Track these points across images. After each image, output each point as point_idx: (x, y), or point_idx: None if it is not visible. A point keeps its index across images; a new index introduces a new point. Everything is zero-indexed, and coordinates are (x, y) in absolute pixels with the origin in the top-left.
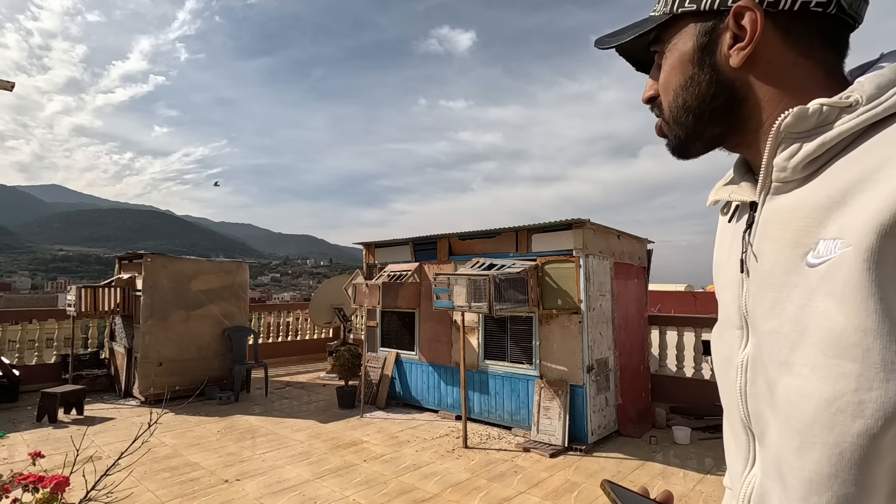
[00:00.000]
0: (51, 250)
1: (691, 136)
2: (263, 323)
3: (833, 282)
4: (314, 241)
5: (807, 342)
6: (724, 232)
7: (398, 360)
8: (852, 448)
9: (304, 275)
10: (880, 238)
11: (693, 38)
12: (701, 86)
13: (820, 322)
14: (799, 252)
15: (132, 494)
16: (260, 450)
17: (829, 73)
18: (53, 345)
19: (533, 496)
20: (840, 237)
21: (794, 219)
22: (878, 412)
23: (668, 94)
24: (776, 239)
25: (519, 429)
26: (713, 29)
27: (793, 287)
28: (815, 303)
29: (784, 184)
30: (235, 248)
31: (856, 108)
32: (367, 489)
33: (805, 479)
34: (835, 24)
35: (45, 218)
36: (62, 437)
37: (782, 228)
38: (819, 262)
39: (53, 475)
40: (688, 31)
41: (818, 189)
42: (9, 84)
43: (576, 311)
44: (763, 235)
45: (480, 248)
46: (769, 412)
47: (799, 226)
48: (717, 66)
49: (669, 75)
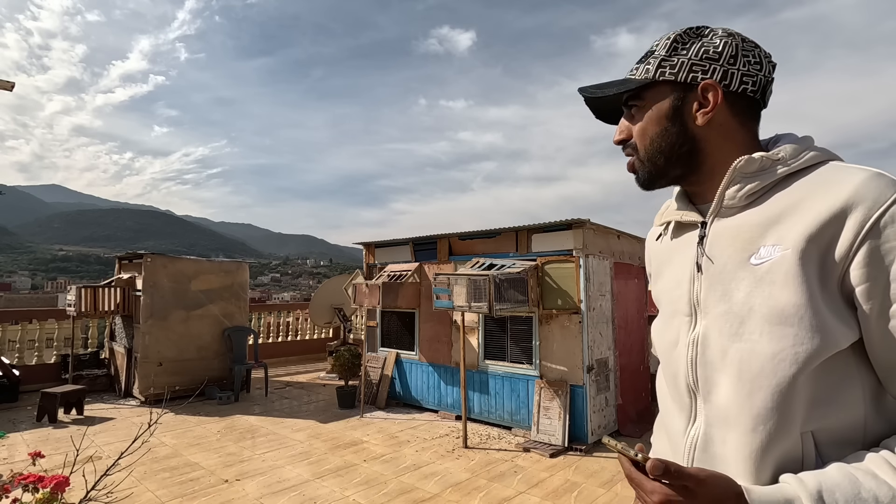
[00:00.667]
0: (51, 250)
1: (659, 174)
2: (263, 323)
3: (775, 274)
4: (314, 241)
5: (754, 317)
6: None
7: (398, 360)
8: (788, 386)
9: (304, 275)
10: (808, 242)
11: (669, 100)
12: (672, 136)
13: (766, 302)
14: (744, 256)
15: (132, 494)
16: (260, 450)
17: (754, 137)
18: (53, 345)
19: (533, 496)
20: (778, 244)
21: (740, 232)
22: (807, 358)
23: (646, 139)
24: (726, 247)
25: (519, 429)
26: (684, 95)
27: (740, 280)
28: (761, 289)
29: (729, 209)
30: (235, 248)
31: (784, 161)
32: (367, 489)
33: (754, 415)
34: (757, 104)
35: (45, 218)
36: (62, 437)
37: (731, 239)
38: (761, 262)
39: (53, 475)
40: (663, 93)
41: (757, 213)
42: (9, 84)
43: (576, 311)
44: (714, 245)
45: (480, 248)
46: (718, 374)
47: (745, 237)
48: (685, 123)
49: (647, 125)
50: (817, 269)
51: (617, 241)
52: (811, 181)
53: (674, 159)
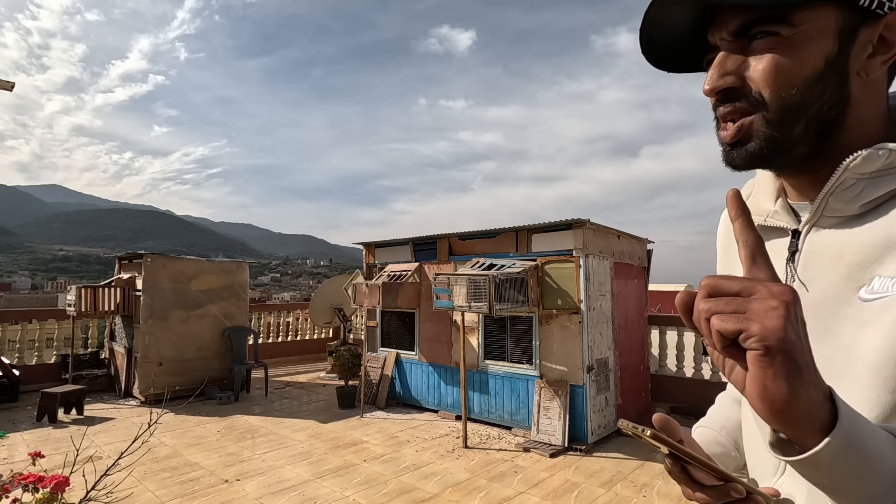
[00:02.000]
0: (51, 250)
1: (785, 147)
2: (263, 323)
3: (884, 318)
4: (314, 241)
5: (854, 371)
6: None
7: (398, 360)
8: None
9: (304, 275)
10: None
11: (833, 32)
12: (827, 90)
13: (866, 354)
14: (852, 286)
15: (132, 494)
16: (260, 450)
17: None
18: (53, 345)
19: (533, 496)
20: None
21: (846, 253)
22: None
23: (783, 87)
24: (827, 270)
25: (519, 429)
26: (856, 28)
27: (844, 319)
28: (866, 335)
29: (832, 217)
30: (235, 248)
31: None
32: (367, 489)
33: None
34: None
35: (45, 218)
36: (62, 437)
37: (834, 261)
38: (873, 298)
39: (53, 475)
40: (827, 20)
41: (875, 228)
42: (9, 84)
43: (576, 311)
44: (810, 265)
45: (480, 248)
46: None
47: (853, 260)
48: (846, 72)
49: (793, 65)
50: None
51: (617, 241)
52: None
53: (813, 127)
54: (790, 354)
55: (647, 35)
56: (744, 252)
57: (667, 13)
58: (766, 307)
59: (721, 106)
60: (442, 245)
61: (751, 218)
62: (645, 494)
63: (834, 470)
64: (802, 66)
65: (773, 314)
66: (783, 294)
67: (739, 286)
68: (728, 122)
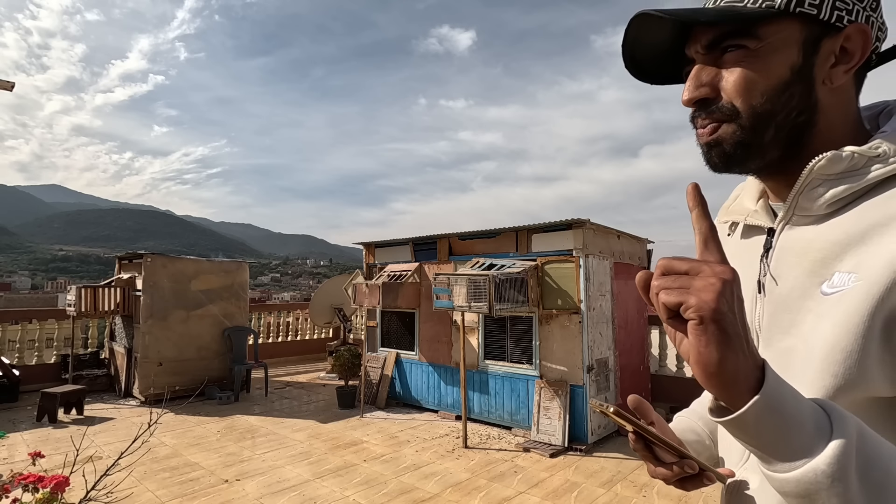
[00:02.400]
0: (51, 250)
1: (757, 151)
2: (263, 323)
3: (837, 309)
4: (314, 241)
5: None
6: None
7: (398, 360)
8: None
9: (304, 275)
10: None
11: (797, 44)
12: (794, 97)
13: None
14: (815, 280)
15: (132, 494)
16: (260, 450)
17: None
18: (53, 345)
19: (533, 496)
20: (854, 271)
21: (811, 250)
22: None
23: (753, 96)
24: (793, 266)
25: (519, 429)
26: (819, 40)
27: (807, 311)
28: (821, 326)
29: (804, 217)
30: (235, 248)
31: (884, 158)
32: (367, 489)
33: None
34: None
35: (45, 218)
36: (62, 437)
37: (800, 257)
38: (832, 292)
39: (53, 475)
40: (791, 33)
41: (837, 226)
42: (9, 84)
43: (576, 311)
44: (781, 261)
45: (480, 248)
46: None
47: (816, 257)
48: (812, 80)
49: (762, 76)
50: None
51: (617, 241)
52: None
53: (783, 132)
54: (720, 324)
55: (630, 52)
56: (698, 238)
57: (646, 32)
58: (706, 283)
59: (698, 115)
60: (442, 245)
61: (706, 209)
62: (645, 494)
63: (758, 429)
64: (769, 76)
65: (709, 289)
66: (723, 273)
67: (688, 266)
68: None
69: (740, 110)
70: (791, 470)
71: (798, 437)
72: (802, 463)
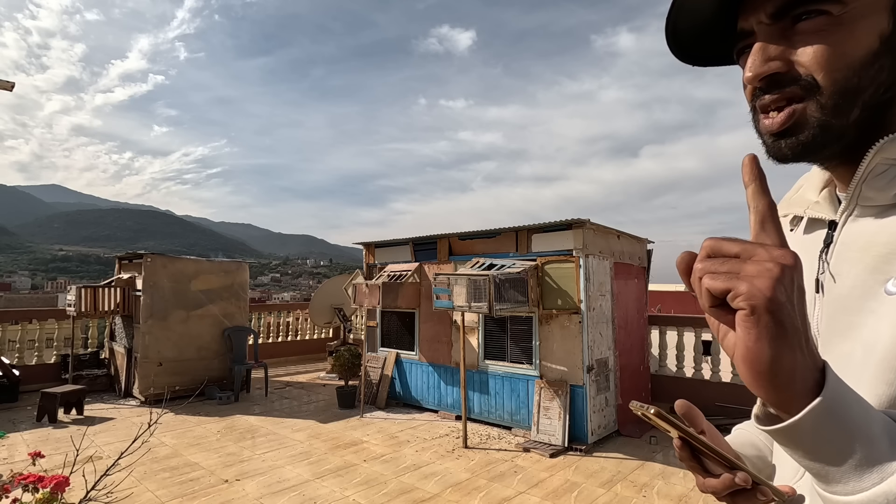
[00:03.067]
0: (51, 250)
1: (839, 133)
2: (263, 323)
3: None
4: (314, 241)
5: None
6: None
7: (398, 360)
8: None
9: (304, 275)
10: None
11: (886, 9)
12: (883, 71)
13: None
14: (878, 278)
15: (132, 494)
16: (260, 450)
17: None
18: (53, 345)
19: (533, 496)
20: None
21: (875, 244)
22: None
23: (839, 70)
24: (855, 262)
25: (519, 429)
26: None
27: (869, 312)
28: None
29: (868, 207)
30: (235, 248)
31: None
32: (367, 489)
33: None
34: None
35: (45, 218)
36: (62, 437)
37: (862, 252)
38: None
39: (53, 475)
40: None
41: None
42: (9, 84)
43: (576, 311)
44: (841, 257)
45: (480, 248)
46: None
47: (881, 252)
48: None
49: (847, 46)
50: None
51: (617, 241)
52: None
53: (867, 112)
54: (776, 315)
55: (673, 21)
56: (753, 217)
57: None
58: (762, 269)
59: (766, 94)
60: (442, 245)
61: (765, 184)
62: (645, 494)
63: (817, 441)
64: (857, 45)
65: (765, 275)
66: (783, 257)
67: (740, 248)
68: (773, 110)
69: (822, 86)
70: (856, 492)
71: (866, 453)
72: (872, 484)
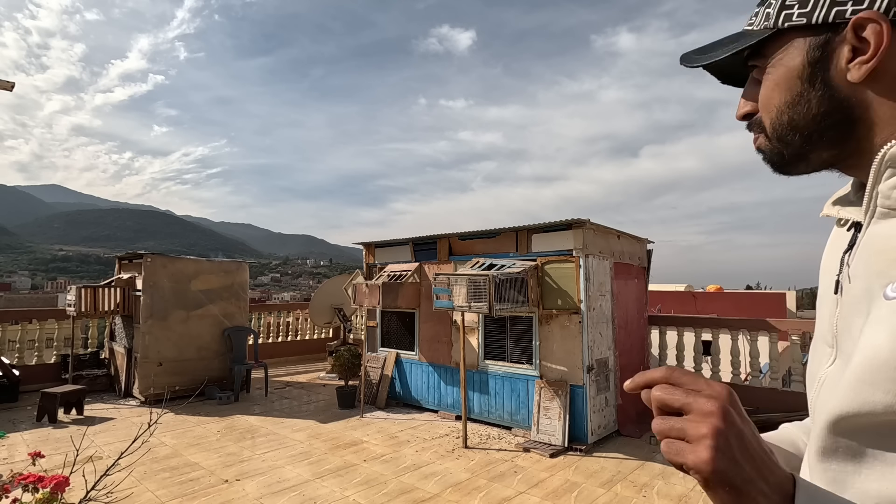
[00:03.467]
0: (51, 250)
1: (795, 157)
2: (263, 323)
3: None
4: (314, 241)
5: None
6: (836, 241)
7: (398, 360)
8: None
9: (304, 275)
10: None
11: (802, 53)
12: (811, 104)
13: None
14: (882, 282)
15: (132, 494)
16: (260, 450)
17: None
18: (53, 345)
19: (533, 496)
20: None
21: (887, 248)
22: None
23: (771, 111)
24: (868, 264)
25: (519, 429)
26: (826, 43)
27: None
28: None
29: (890, 210)
30: (235, 248)
31: None
32: (367, 489)
33: None
34: None
35: (45, 218)
36: (62, 437)
37: (875, 255)
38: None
39: (53, 475)
40: (795, 45)
41: None
42: (9, 84)
43: (576, 311)
44: (859, 258)
45: (480, 248)
46: None
47: (890, 256)
48: (830, 83)
49: (772, 92)
50: None
51: (617, 241)
52: None
53: (815, 137)
54: (725, 480)
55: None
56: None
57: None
58: (698, 434)
59: (748, 128)
60: (442, 245)
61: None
62: (645, 494)
63: None
64: (780, 90)
65: (703, 444)
66: (711, 413)
67: (682, 402)
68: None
69: (765, 124)
70: None
71: None
72: None
